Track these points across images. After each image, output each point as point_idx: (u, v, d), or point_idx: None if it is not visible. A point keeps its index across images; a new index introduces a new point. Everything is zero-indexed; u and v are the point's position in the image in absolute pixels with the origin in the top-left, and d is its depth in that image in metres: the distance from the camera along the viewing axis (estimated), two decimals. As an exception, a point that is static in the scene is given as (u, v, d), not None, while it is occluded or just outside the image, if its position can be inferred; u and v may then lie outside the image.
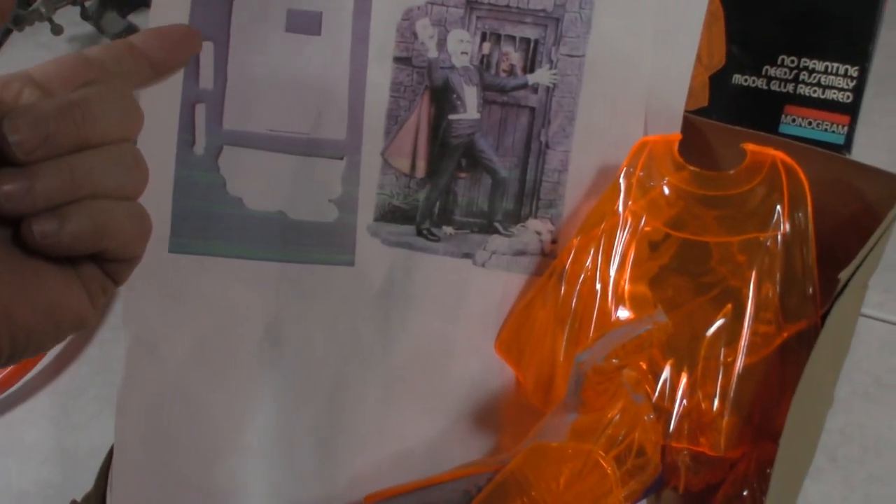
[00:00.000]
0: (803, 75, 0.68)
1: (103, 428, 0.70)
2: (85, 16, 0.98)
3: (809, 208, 0.57)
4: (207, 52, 0.61)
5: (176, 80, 0.61)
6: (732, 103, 0.70)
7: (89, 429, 0.70)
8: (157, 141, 0.61)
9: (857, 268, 0.53)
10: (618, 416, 0.51)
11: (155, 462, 0.61)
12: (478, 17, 0.61)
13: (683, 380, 0.57)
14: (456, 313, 0.63)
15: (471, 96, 0.62)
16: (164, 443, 0.61)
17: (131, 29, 1.00)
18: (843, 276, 0.52)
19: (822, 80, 0.67)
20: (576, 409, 0.52)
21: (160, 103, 0.60)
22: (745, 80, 0.69)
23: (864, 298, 0.63)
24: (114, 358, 0.73)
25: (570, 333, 0.60)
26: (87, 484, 0.62)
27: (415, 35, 0.61)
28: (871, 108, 0.78)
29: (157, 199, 0.61)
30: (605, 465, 0.49)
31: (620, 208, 0.60)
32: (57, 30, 0.94)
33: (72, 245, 0.41)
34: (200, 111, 0.61)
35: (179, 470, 0.61)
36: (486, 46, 0.61)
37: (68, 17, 0.98)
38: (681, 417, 0.57)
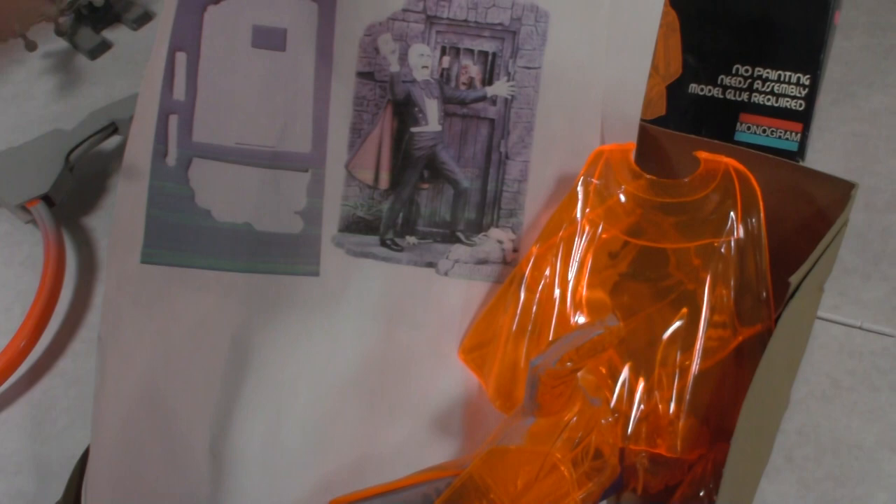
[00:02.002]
0: (757, 84, 0.69)
1: (76, 439, 0.70)
2: (59, 32, 0.99)
3: (762, 214, 0.58)
4: (181, 63, 0.62)
5: (155, 89, 0.62)
6: (689, 112, 0.71)
7: (62, 440, 0.70)
8: (137, 150, 0.62)
9: (808, 272, 0.55)
10: (574, 419, 0.52)
11: (128, 471, 0.61)
12: (437, 32, 0.62)
13: (641, 383, 0.58)
14: (420, 321, 0.64)
15: (432, 109, 0.63)
16: (136, 451, 0.61)
17: (105, 45, 1.01)
18: (793, 279, 0.53)
19: (776, 88, 0.69)
20: (533, 412, 0.53)
21: (144, 112, 0.62)
22: (702, 90, 0.71)
23: (819, 301, 0.64)
24: (86, 370, 0.74)
25: (530, 340, 0.61)
26: (60, 494, 0.63)
27: (377, 50, 0.63)
28: (828, 115, 0.79)
29: (133, 210, 0.62)
30: (562, 467, 0.50)
31: (578, 216, 0.61)
32: (31, 46, 0.95)
33: None
34: (173, 122, 0.62)
35: (152, 478, 0.61)
36: (446, 60, 0.63)
37: (42, 33, 0.99)
38: (639, 420, 0.58)
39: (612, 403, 0.58)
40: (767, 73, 0.69)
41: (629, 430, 0.58)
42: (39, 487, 0.68)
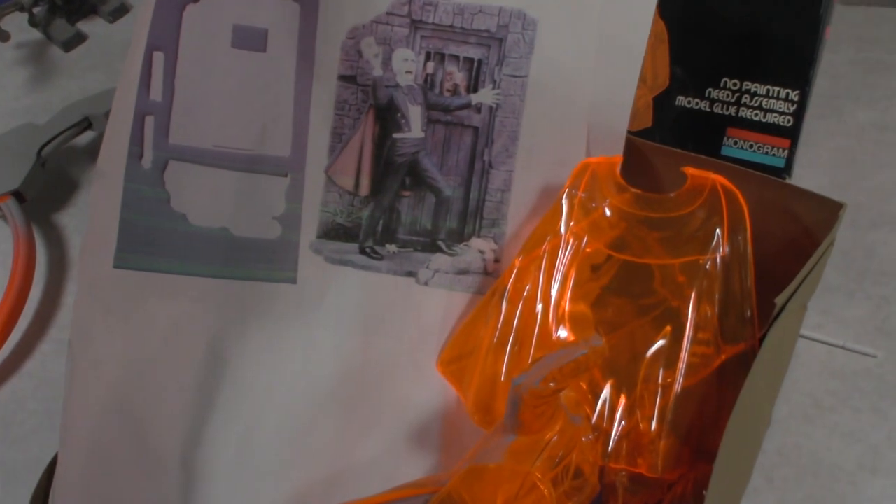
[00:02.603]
0: (745, 98, 0.68)
1: (43, 442, 0.69)
2: (33, 22, 0.97)
3: (748, 232, 0.58)
4: (158, 62, 0.61)
5: (131, 89, 0.61)
6: (676, 124, 0.70)
7: (29, 443, 0.69)
8: (112, 152, 0.61)
9: (794, 292, 0.54)
10: (555, 438, 0.51)
11: (97, 480, 0.60)
12: (422, 37, 0.61)
13: (622, 401, 0.58)
14: (398, 331, 0.62)
15: (415, 115, 0.62)
16: (106, 460, 0.60)
17: (80, 37, 0.99)
18: (778, 300, 0.53)
19: (764, 103, 0.68)
20: (514, 430, 0.52)
21: (119, 112, 0.60)
22: (689, 102, 0.70)
23: (803, 319, 0.63)
24: (54, 372, 0.73)
25: (511, 353, 0.60)
26: (25, 498, 0.61)
27: (360, 53, 0.61)
28: (815, 129, 0.79)
29: (106, 213, 0.61)
30: (541, 486, 0.49)
31: (563, 229, 0.60)
32: (4, 36, 0.93)
33: None
34: (149, 124, 0.61)
35: (121, 487, 0.60)
36: (431, 66, 0.61)
37: (16, 23, 0.97)
38: (619, 438, 0.57)
39: (593, 420, 0.58)
40: (756, 87, 0.68)
41: (609, 448, 0.57)
42: (6, 491, 0.67)
